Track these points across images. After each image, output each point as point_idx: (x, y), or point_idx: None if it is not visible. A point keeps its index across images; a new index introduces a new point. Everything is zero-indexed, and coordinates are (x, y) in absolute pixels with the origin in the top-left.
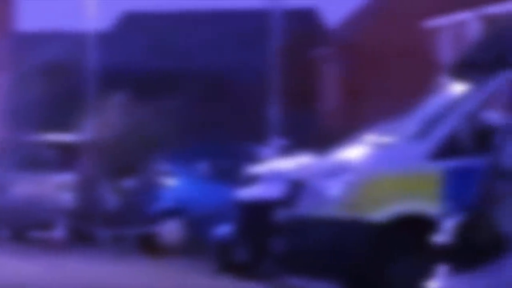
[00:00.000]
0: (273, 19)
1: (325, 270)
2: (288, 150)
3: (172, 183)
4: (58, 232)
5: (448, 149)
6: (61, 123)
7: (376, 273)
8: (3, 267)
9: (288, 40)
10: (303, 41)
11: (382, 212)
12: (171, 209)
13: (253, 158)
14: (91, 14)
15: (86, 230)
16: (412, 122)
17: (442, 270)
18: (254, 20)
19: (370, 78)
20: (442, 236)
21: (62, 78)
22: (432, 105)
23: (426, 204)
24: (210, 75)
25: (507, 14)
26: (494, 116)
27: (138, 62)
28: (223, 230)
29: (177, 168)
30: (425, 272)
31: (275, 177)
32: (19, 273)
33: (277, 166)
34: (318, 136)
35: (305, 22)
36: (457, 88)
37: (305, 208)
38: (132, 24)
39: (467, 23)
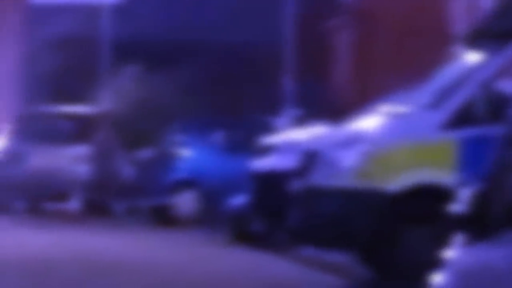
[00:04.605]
0: None
1: (339, 240)
2: (302, 120)
3: (187, 154)
4: (73, 204)
5: (463, 118)
6: (76, 95)
7: (390, 243)
8: (18, 238)
9: (302, 10)
10: (317, 11)
11: (396, 182)
12: (185, 180)
13: (268, 129)
14: None
15: (101, 202)
16: (426, 92)
17: (457, 240)
18: None
19: (383, 47)
20: (458, 206)
21: (76, 50)
22: (446, 74)
23: (441, 174)
24: (224, 46)
25: None
26: (509, 85)
27: (152, 34)
28: (238, 201)
29: (192, 139)
30: (440, 242)
31: (289, 148)
32: (34, 244)
33: (292, 137)
34: (332, 106)
35: None
36: (472, 57)
37: (319, 179)
38: None
39: None
